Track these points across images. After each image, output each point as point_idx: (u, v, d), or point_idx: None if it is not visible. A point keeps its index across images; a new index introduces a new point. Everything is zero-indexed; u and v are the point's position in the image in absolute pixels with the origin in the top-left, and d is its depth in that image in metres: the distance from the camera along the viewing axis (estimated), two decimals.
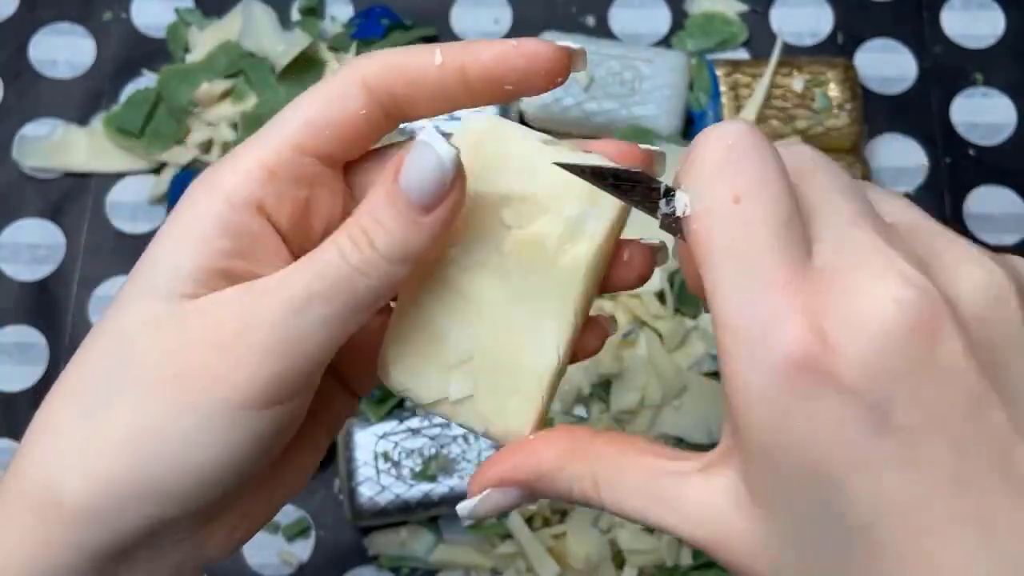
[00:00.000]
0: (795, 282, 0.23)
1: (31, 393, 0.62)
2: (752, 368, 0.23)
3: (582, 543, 0.57)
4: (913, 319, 0.22)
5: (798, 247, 0.23)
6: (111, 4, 0.71)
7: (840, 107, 0.65)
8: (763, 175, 0.24)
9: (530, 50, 0.27)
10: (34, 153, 0.66)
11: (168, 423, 0.26)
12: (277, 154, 0.28)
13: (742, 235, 0.23)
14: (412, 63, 0.28)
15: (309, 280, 0.27)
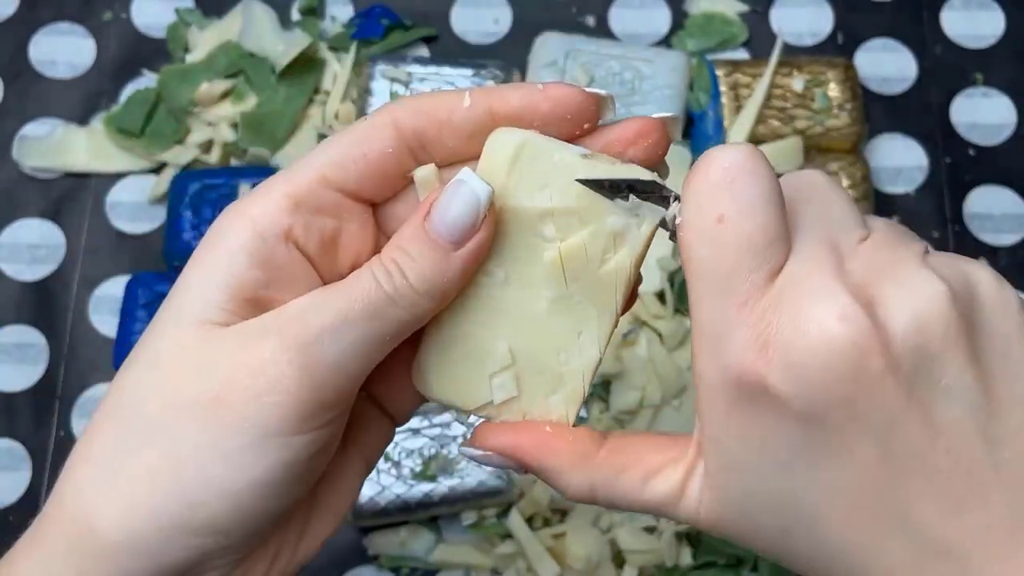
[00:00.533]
0: (752, 300, 0.26)
1: (31, 393, 0.62)
2: (709, 370, 0.27)
3: (582, 543, 0.57)
4: (841, 343, 0.25)
5: (764, 270, 0.27)
6: (111, 4, 0.71)
7: (840, 107, 0.65)
8: (750, 201, 0.26)
9: (555, 95, 0.29)
10: (34, 153, 0.66)
11: (207, 449, 0.27)
12: (303, 185, 0.29)
13: (717, 254, 0.27)
14: (442, 106, 0.29)
15: (344, 305, 0.28)
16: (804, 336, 0.26)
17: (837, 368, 0.25)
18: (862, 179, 0.64)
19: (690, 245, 0.27)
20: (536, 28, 0.69)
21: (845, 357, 0.25)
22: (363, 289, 0.28)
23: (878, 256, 0.27)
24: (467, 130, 0.29)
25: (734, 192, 0.27)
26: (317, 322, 0.27)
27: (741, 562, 0.58)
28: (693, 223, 0.27)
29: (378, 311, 0.28)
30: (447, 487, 0.57)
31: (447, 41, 0.70)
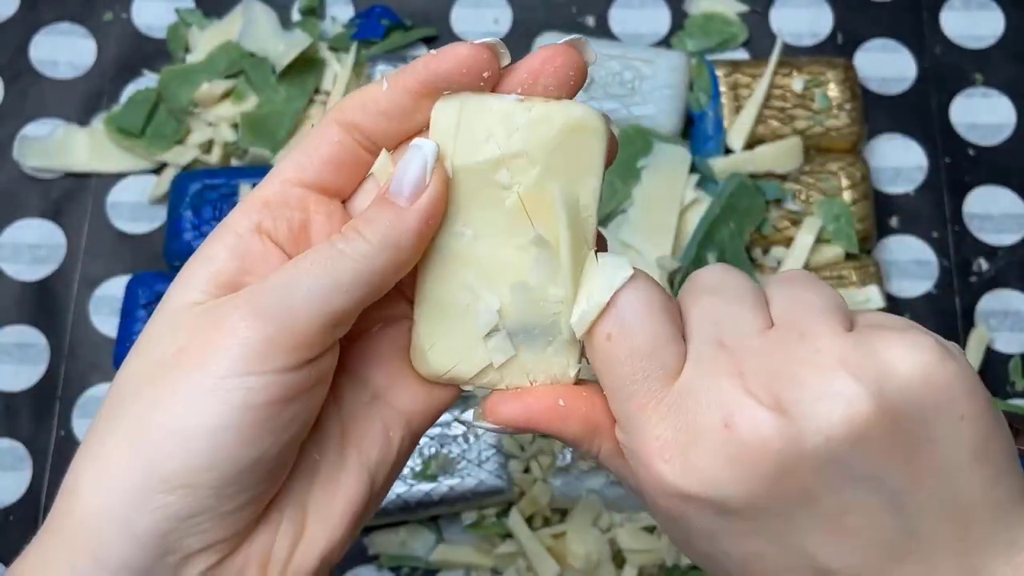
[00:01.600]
0: (651, 405, 0.29)
1: (31, 393, 0.62)
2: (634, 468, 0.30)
3: (582, 543, 0.57)
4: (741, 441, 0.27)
5: (657, 376, 0.29)
6: (111, 4, 0.71)
7: (840, 107, 0.65)
8: (629, 318, 0.29)
9: (449, 53, 0.30)
10: (35, 153, 0.66)
11: (168, 401, 0.28)
12: (269, 188, 0.31)
13: (611, 369, 0.30)
14: (367, 96, 0.31)
15: (297, 262, 0.29)
16: (703, 437, 0.28)
17: (737, 467, 0.27)
18: (861, 179, 0.64)
19: (593, 363, 0.30)
20: (536, 28, 0.69)
21: (745, 457, 0.27)
22: (317, 249, 0.29)
23: (779, 352, 0.28)
24: (393, 112, 0.31)
25: (616, 313, 0.29)
26: (271, 279, 0.29)
27: None
28: (592, 344, 0.30)
29: (333, 264, 0.29)
30: (447, 487, 0.57)
31: (447, 41, 0.70)
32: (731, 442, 0.27)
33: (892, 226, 0.66)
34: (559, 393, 0.32)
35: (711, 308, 0.30)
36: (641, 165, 0.62)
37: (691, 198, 0.62)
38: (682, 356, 0.29)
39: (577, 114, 0.30)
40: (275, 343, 0.28)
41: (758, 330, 0.29)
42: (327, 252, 0.29)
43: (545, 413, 0.31)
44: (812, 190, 0.63)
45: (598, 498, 0.57)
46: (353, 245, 0.29)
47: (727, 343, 0.29)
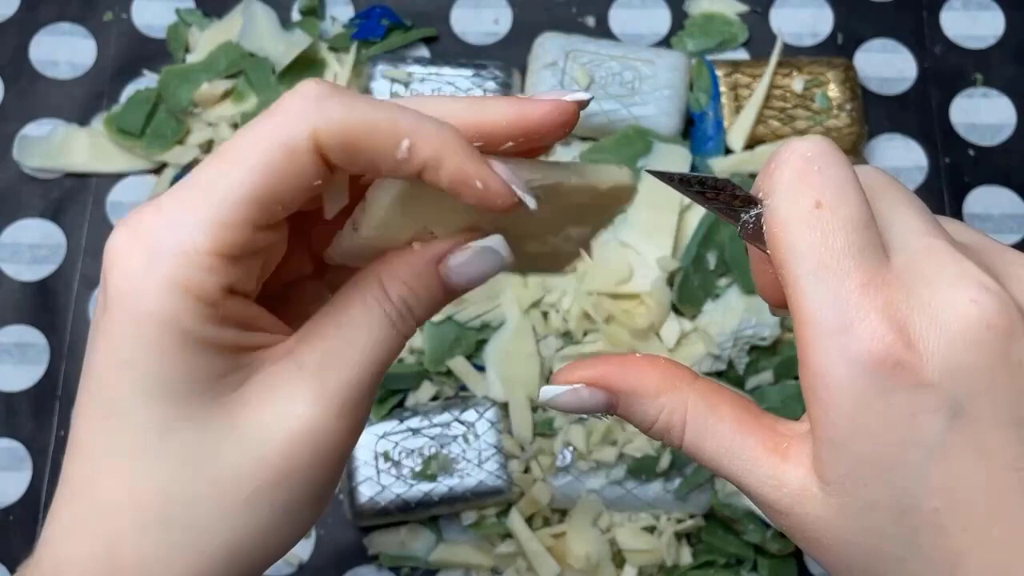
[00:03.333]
0: (875, 282, 0.25)
1: (31, 393, 0.62)
2: (834, 362, 0.25)
3: (582, 543, 0.57)
4: (989, 320, 0.24)
5: (876, 251, 0.25)
6: (111, 4, 0.71)
7: (840, 107, 0.65)
8: (842, 184, 0.26)
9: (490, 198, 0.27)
10: (35, 153, 0.66)
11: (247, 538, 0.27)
12: (235, 242, 0.26)
13: (823, 239, 0.25)
14: (373, 144, 0.26)
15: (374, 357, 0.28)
16: (944, 318, 0.24)
17: (983, 352, 0.24)
18: None
19: (788, 237, 0.26)
20: (536, 28, 0.69)
21: (990, 341, 0.24)
22: (384, 331, 0.28)
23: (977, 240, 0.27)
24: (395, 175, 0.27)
25: (824, 178, 0.26)
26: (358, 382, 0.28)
27: (741, 562, 0.58)
28: (788, 213, 0.26)
29: (392, 350, 0.29)
30: (447, 487, 0.57)
31: (447, 41, 0.71)
32: (977, 325, 0.24)
33: None
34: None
35: (904, 195, 0.27)
36: (641, 165, 0.62)
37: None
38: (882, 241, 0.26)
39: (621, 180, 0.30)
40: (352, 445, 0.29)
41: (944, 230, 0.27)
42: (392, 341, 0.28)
43: (620, 367, 0.29)
44: None
45: (598, 498, 0.57)
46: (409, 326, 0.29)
47: (935, 232, 0.26)
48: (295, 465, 0.27)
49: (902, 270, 0.25)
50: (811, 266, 0.25)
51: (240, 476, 0.26)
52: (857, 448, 0.25)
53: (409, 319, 0.28)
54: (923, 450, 0.25)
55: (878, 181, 0.28)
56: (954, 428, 0.24)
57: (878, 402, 0.25)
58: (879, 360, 0.24)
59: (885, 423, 0.25)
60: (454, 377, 0.60)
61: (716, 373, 0.60)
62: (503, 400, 0.59)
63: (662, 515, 0.58)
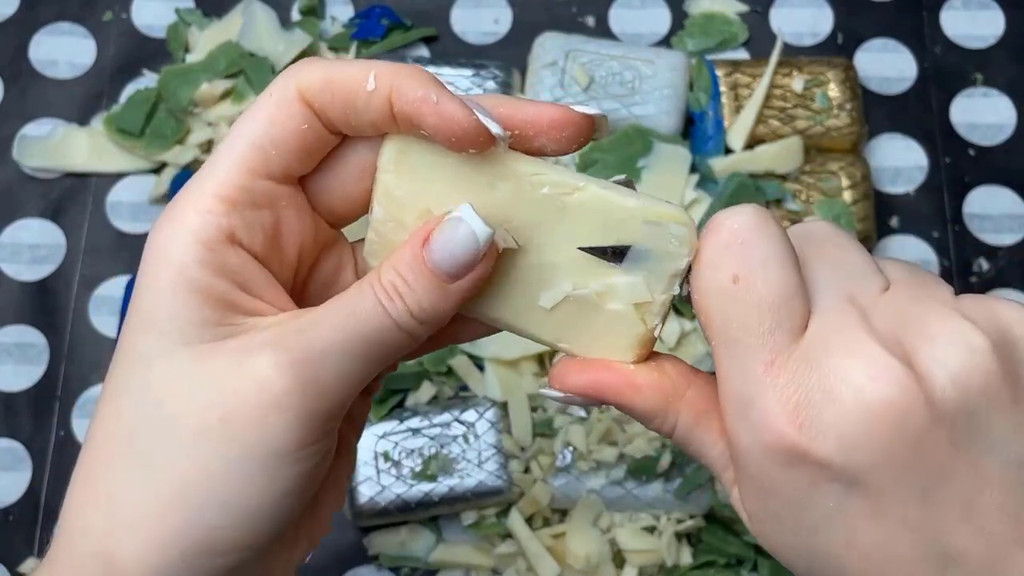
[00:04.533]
0: (779, 361, 0.26)
1: (31, 393, 0.62)
2: (740, 432, 0.27)
3: (582, 543, 0.57)
4: (885, 399, 0.25)
5: (787, 328, 0.26)
6: (111, 4, 0.71)
7: (840, 107, 0.65)
8: (764, 259, 0.26)
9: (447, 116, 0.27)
10: (35, 153, 0.66)
11: (219, 474, 0.27)
12: (231, 183, 0.28)
13: (736, 315, 0.27)
14: (346, 83, 0.27)
15: (349, 324, 0.27)
16: (840, 397, 0.25)
17: (878, 430, 0.25)
18: (862, 179, 0.64)
19: (707, 308, 0.27)
20: (536, 28, 0.69)
21: (886, 417, 0.25)
22: (367, 310, 0.27)
23: (904, 307, 0.27)
24: (368, 117, 0.28)
25: (746, 252, 0.27)
26: (319, 339, 0.27)
27: (741, 562, 0.58)
28: (709, 286, 0.27)
29: (383, 334, 0.28)
30: (447, 487, 0.57)
31: (447, 41, 0.71)
32: (872, 402, 0.25)
33: (892, 226, 0.66)
34: (629, 360, 0.29)
35: (839, 260, 0.28)
36: (641, 165, 0.62)
37: (691, 198, 0.62)
38: (807, 309, 0.27)
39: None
40: (324, 417, 0.27)
41: (883, 287, 0.27)
42: (379, 319, 0.27)
43: (616, 383, 0.29)
44: (812, 190, 0.63)
45: (598, 498, 0.57)
46: (402, 317, 0.27)
47: (857, 298, 0.27)
48: (244, 419, 0.26)
49: (810, 344, 0.26)
50: (724, 340, 0.27)
51: (191, 415, 0.27)
52: (763, 500, 0.28)
53: (401, 306, 0.27)
54: (823, 512, 0.26)
55: (819, 239, 0.28)
56: (851, 495, 0.26)
57: (778, 473, 0.26)
58: (773, 443, 0.26)
59: (786, 488, 0.26)
60: (454, 377, 0.60)
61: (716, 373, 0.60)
62: (503, 400, 0.59)
63: (662, 515, 0.58)
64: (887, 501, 0.26)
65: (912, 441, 0.25)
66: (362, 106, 0.28)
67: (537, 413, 0.59)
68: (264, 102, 0.28)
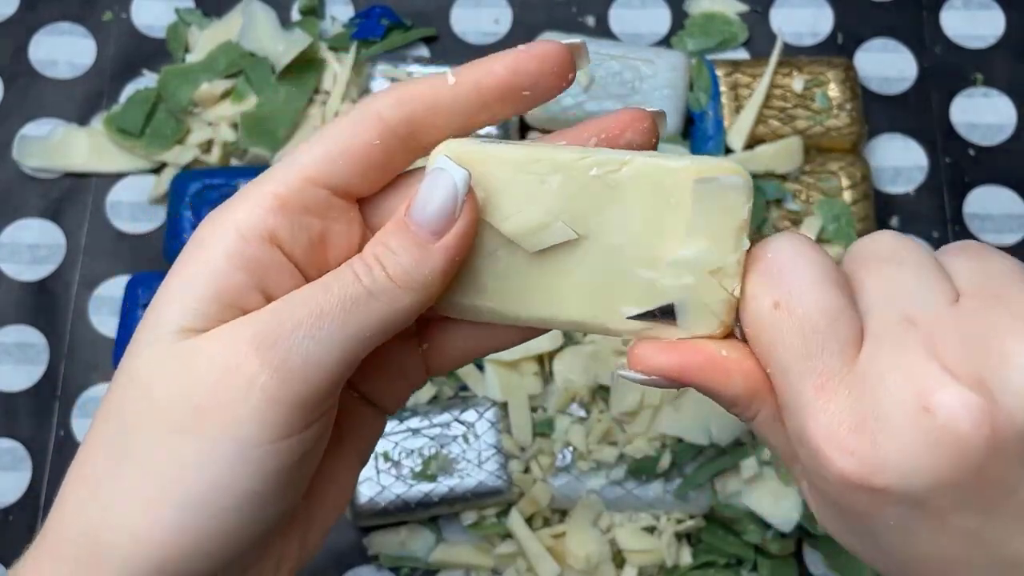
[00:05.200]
0: (830, 385, 0.26)
1: (31, 393, 0.62)
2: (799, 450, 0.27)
3: (582, 543, 0.57)
4: (945, 426, 0.24)
5: (834, 352, 0.26)
6: (111, 4, 0.71)
7: (840, 107, 0.65)
8: (804, 283, 0.26)
9: (540, 51, 0.28)
10: (34, 153, 0.66)
11: (193, 466, 0.26)
12: (287, 184, 0.28)
13: (779, 340, 0.26)
14: (426, 90, 0.28)
15: (320, 299, 0.26)
16: (897, 423, 0.25)
17: (939, 455, 0.24)
18: (862, 179, 0.64)
19: (755, 338, 0.27)
20: (536, 28, 0.69)
21: (947, 443, 0.24)
22: (340, 284, 0.27)
23: (971, 322, 0.25)
24: (456, 110, 0.28)
25: (783, 278, 0.27)
26: (290, 318, 0.26)
27: (741, 562, 0.58)
28: (752, 316, 0.27)
29: (356, 305, 0.26)
30: (447, 487, 0.57)
31: (447, 41, 0.71)
32: (932, 427, 0.24)
33: (892, 226, 0.66)
34: (721, 344, 0.28)
35: (893, 278, 0.27)
36: None
37: None
38: (859, 330, 0.26)
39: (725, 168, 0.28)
40: (301, 404, 0.26)
41: (947, 302, 0.26)
42: (351, 289, 0.26)
43: (704, 364, 0.28)
44: (812, 190, 0.63)
45: (598, 498, 0.57)
46: (379, 284, 0.27)
47: (915, 317, 0.26)
48: (215, 407, 0.26)
49: (863, 367, 0.26)
50: (775, 368, 0.27)
51: (171, 405, 0.26)
52: (832, 515, 0.28)
53: (379, 273, 0.26)
54: (885, 527, 0.26)
55: (873, 256, 0.28)
56: (913, 516, 0.26)
57: (839, 494, 0.26)
58: (829, 472, 0.26)
59: (852, 506, 0.26)
60: (454, 377, 0.60)
61: None
62: (503, 400, 0.59)
63: (662, 515, 0.58)
64: (949, 519, 0.25)
65: (976, 465, 0.24)
66: (447, 103, 0.28)
67: (537, 413, 0.59)
68: (341, 119, 0.28)
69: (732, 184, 0.27)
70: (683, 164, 0.28)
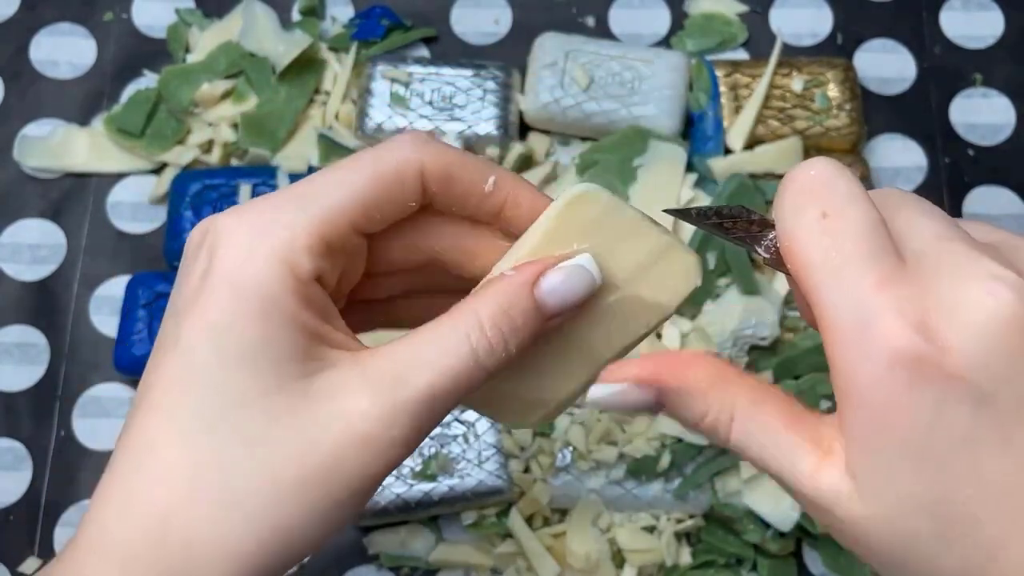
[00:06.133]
0: (890, 280, 0.25)
1: (31, 393, 0.62)
2: (857, 362, 0.25)
3: (582, 543, 0.57)
4: (1008, 311, 0.24)
5: (888, 253, 0.26)
6: (112, 4, 0.71)
7: (840, 107, 0.65)
8: (847, 194, 0.27)
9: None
10: (35, 153, 0.66)
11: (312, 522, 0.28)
12: (335, 230, 0.29)
13: (832, 245, 0.26)
14: (468, 178, 0.31)
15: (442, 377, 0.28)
16: (963, 311, 0.24)
17: (1006, 342, 0.24)
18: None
19: (800, 250, 0.27)
20: (536, 28, 0.69)
21: (1013, 330, 0.24)
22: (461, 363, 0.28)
23: (1003, 238, 0.27)
24: (483, 209, 0.31)
25: (830, 190, 0.27)
26: (419, 394, 0.28)
27: (741, 562, 0.58)
28: (798, 229, 0.27)
29: (471, 383, 0.29)
30: (447, 487, 0.57)
31: (447, 41, 0.71)
32: (998, 315, 0.24)
33: None
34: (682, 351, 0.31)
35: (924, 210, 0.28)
36: (637, 164, 0.62)
37: (688, 197, 0.62)
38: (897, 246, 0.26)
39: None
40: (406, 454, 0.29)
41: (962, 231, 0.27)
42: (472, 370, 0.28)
43: (670, 360, 0.29)
44: None
45: (598, 498, 0.57)
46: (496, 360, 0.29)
47: (949, 235, 0.26)
48: (339, 465, 0.27)
49: (917, 268, 0.26)
50: (825, 273, 0.26)
51: (289, 463, 0.27)
52: (885, 443, 0.25)
53: (498, 349, 0.29)
54: (951, 441, 0.25)
55: (893, 195, 0.28)
56: (980, 419, 0.24)
57: (902, 397, 0.25)
58: (899, 356, 0.25)
59: (910, 417, 0.25)
60: None
61: None
62: None
63: (662, 515, 0.58)
64: (1017, 428, 0.24)
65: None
66: (476, 202, 0.31)
67: None
68: (384, 165, 0.30)
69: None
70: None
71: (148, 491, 0.27)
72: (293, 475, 0.27)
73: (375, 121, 0.65)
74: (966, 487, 0.25)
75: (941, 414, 0.25)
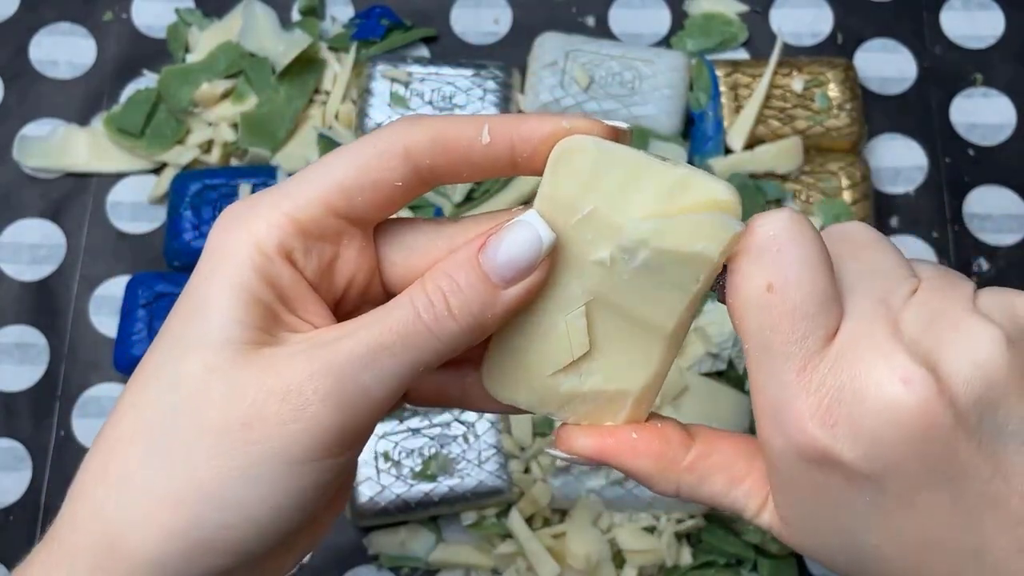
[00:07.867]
0: (810, 366, 0.27)
1: (31, 393, 0.62)
2: (773, 436, 0.28)
3: (582, 543, 0.57)
4: (906, 406, 0.25)
5: (818, 335, 0.27)
6: (111, 4, 0.71)
7: (840, 107, 0.65)
8: (797, 261, 0.27)
9: (581, 128, 0.28)
10: (35, 153, 0.66)
11: (234, 475, 0.27)
12: (307, 211, 0.28)
13: (770, 323, 0.27)
14: (460, 139, 0.28)
15: (380, 334, 0.27)
16: (867, 401, 0.26)
17: (904, 431, 0.25)
18: (862, 179, 0.64)
19: (742, 315, 0.28)
20: (536, 28, 0.69)
21: (911, 420, 0.25)
22: (401, 316, 0.27)
23: (929, 307, 0.27)
24: (485, 167, 0.29)
25: (780, 260, 0.27)
26: (348, 350, 0.27)
27: (741, 562, 0.58)
28: (742, 293, 0.27)
29: (415, 339, 0.27)
30: (447, 487, 0.57)
31: (447, 41, 0.71)
32: (899, 407, 0.25)
33: (892, 226, 0.66)
34: (632, 427, 0.30)
35: (874, 261, 0.28)
36: None
37: None
38: (840, 313, 0.27)
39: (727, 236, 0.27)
40: (349, 431, 0.27)
41: (912, 288, 0.28)
42: (411, 323, 0.27)
43: (617, 447, 0.30)
44: (812, 190, 0.63)
45: (598, 498, 0.57)
46: (441, 324, 0.27)
47: (889, 300, 0.27)
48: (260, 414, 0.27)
49: (841, 347, 0.27)
50: (758, 347, 0.27)
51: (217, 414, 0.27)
52: (799, 503, 0.29)
53: (441, 308, 0.27)
54: (859, 509, 0.27)
55: (854, 239, 0.29)
56: (884, 492, 0.26)
57: (813, 475, 0.27)
58: (804, 444, 0.27)
59: (822, 489, 0.27)
60: None
61: (716, 373, 0.60)
62: None
63: (662, 515, 0.58)
64: (918, 497, 0.26)
65: (939, 442, 0.25)
66: (477, 158, 0.28)
67: None
68: (366, 148, 0.28)
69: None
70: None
71: (107, 453, 0.28)
72: (217, 425, 0.26)
73: (375, 121, 0.64)
74: (876, 540, 0.28)
75: (847, 491, 0.27)
